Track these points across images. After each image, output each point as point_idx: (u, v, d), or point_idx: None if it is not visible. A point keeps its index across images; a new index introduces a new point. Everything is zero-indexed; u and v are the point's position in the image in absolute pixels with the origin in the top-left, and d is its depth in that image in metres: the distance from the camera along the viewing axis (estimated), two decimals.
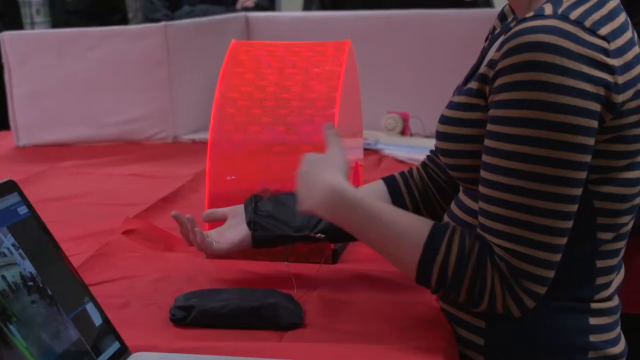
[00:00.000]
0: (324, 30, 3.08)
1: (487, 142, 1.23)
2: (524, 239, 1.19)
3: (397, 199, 1.57)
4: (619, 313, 1.35)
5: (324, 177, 1.32)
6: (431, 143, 2.74)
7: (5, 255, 1.10)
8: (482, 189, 1.24)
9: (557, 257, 1.21)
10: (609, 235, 1.29)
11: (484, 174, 1.24)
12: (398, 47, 3.04)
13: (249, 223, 1.52)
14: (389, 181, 1.61)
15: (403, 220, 1.30)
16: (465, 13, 3.01)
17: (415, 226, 1.28)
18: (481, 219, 1.24)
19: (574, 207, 1.21)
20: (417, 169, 1.62)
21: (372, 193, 1.51)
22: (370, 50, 2.85)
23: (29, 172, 2.47)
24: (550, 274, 1.21)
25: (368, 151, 2.61)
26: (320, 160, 1.36)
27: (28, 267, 1.12)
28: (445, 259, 1.23)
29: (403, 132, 2.93)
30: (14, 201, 1.18)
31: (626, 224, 1.31)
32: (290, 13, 3.56)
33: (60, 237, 1.29)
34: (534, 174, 1.18)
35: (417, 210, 1.56)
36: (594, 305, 1.31)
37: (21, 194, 1.21)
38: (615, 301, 1.35)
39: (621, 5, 1.26)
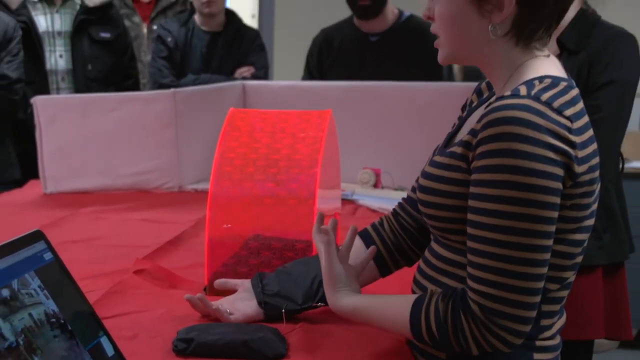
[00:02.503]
0: (310, 97, 3.10)
1: (471, 202, 1.24)
2: (499, 284, 1.20)
3: None
4: (559, 350, 1.36)
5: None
6: (399, 194, 2.79)
7: (32, 295, 1.10)
8: (468, 242, 1.25)
9: (534, 299, 1.21)
10: (555, 286, 1.30)
11: (469, 229, 1.25)
12: (372, 113, 3.06)
13: (259, 303, 1.52)
14: (365, 237, 1.60)
15: (390, 308, 1.34)
16: (428, 86, 3.04)
17: (400, 309, 1.32)
18: (468, 268, 1.25)
19: (547, 256, 1.21)
20: (387, 218, 1.61)
21: (353, 251, 1.52)
22: (349, 115, 2.87)
23: (55, 216, 2.47)
24: (530, 313, 1.21)
25: (345, 201, 2.61)
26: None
27: (51, 305, 1.12)
28: (428, 330, 1.26)
29: (375, 185, 2.93)
30: (41, 248, 1.18)
31: (569, 278, 1.32)
32: (281, 82, 3.58)
33: (80, 275, 1.30)
34: (509, 228, 1.19)
35: (392, 258, 1.56)
36: (538, 343, 1.31)
37: (47, 241, 1.20)
38: (557, 340, 1.35)
39: (580, 95, 1.29)
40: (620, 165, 2.26)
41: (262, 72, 3.75)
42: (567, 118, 1.22)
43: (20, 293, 1.09)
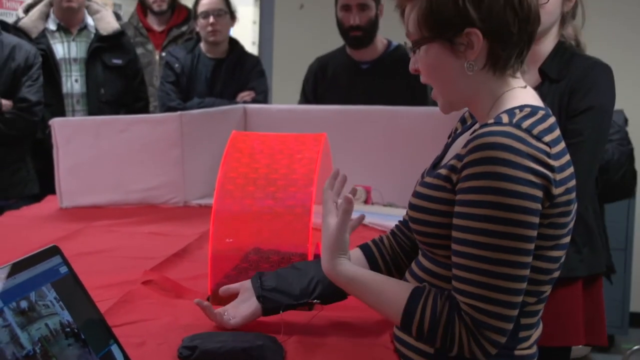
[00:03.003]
0: (306, 119, 3.11)
1: (456, 221, 1.24)
2: (485, 297, 1.21)
3: (373, 264, 1.58)
4: (536, 358, 1.37)
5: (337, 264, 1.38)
6: (388, 210, 2.79)
7: (48, 306, 1.10)
8: (454, 258, 1.25)
9: (514, 312, 1.22)
10: (532, 299, 1.30)
11: (454, 246, 1.25)
12: (363, 135, 3.06)
13: (258, 297, 1.51)
14: (365, 249, 1.60)
15: (389, 287, 1.33)
16: (414, 110, 3.05)
17: (397, 292, 1.31)
18: (453, 282, 1.25)
19: (526, 272, 1.22)
20: (387, 237, 1.62)
21: (353, 260, 1.51)
22: (342, 136, 2.87)
23: (70, 229, 2.46)
24: (508, 326, 1.22)
25: None
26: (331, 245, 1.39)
27: (66, 316, 1.12)
28: (421, 321, 1.26)
29: (366, 201, 2.93)
30: (57, 262, 1.18)
31: (546, 292, 1.32)
32: (279, 105, 3.58)
33: (93, 285, 1.29)
34: (492, 245, 1.20)
35: (389, 272, 1.57)
36: (516, 352, 1.32)
37: (62, 256, 1.20)
38: (534, 349, 1.36)
39: (556, 123, 1.29)
40: (598, 184, 2.27)
41: (262, 96, 3.75)
42: (546, 144, 1.22)
43: (38, 304, 1.08)
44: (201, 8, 3.71)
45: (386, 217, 2.61)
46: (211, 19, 3.67)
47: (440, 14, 1.27)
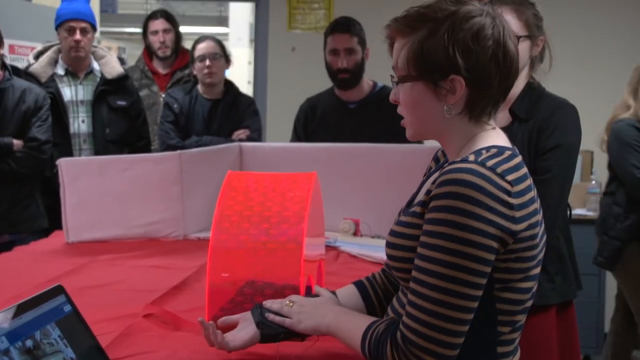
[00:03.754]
0: (297, 156, 3.10)
1: (418, 249, 1.25)
2: (423, 322, 1.21)
3: (366, 300, 1.58)
4: None
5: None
6: (376, 242, 2.78)
7: (53, 345, 1.09)
8: (410, 283, 1.25)
9: (454, 340, 1.21)
10: (507, 329, 1.30)
11: (413, 272, 1.25)
12: (351, 171, 3.06)
13: (257, 324, 1.50)
14: (359, 286, 1.60)
15: (356, 319, 1.38)
16: (399, 147, 3.04)
17: (363, 322, 1.35)
18: (406, 307, 1.25)
19: (472, 304, 1.21)
20: (379, 273, 1.62)
21: (348, 296, 1.52)
22: (331, 172, 2.87)
23: (76, 263, 2.44)
24: (446, 352, 1.21)
25: (328, 247, 2.59)
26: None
27: (69, 353, 1.11)
28: (369, 345, 1.29)
29: (355, 233, 2.92)
30: (61, 301, 1.17)
31: (520, 321, 1.32)
32: (272, 143, 3.59)
33: (96, 319, 1.28)
34: (444, 275, 1.20)
35: (382, 307, 1.57)
36: None
37: (66, 294, 1.19)
38: None
39: (523, 162, 1.29)
40: (569, 214, 2.28)
41: (257, 134, 3.76)
42: (509, 182, 1.22)
43: (42, 343, 1.07)
44: (198, 52, 3.73)
45: (374, 249, 2.61)
46: (207, 62, 3.69)
47: (430, 58, 1.28)
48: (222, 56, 3.76)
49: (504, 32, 1.29)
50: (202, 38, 3.82)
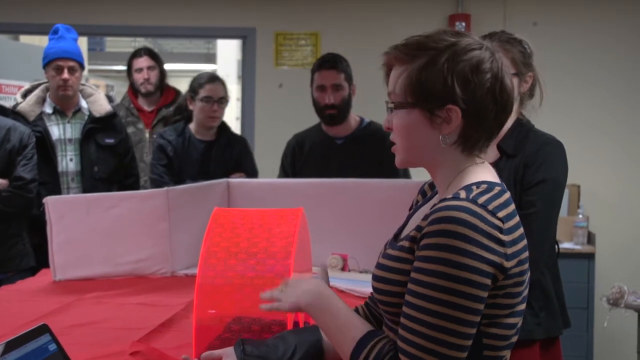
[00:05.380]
0: (285, 192, 3.12)
1: (409, 285, 1.25)
2: (418, 358, 1.21)
3: None
4: None
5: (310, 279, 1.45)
6: (364, 277, 2.78)
7: None
8: (401, 319, 1.26)
9: None
10: None
11: (404, 308, 1.26)
12: (339, 205, 3.07)
13: None
14: (357, 312, 1.59)
15: (350, 320, 1.35)
16: (386, 182, 3.06)
17: (357, 326, 1.33)
18: (398, 342, 1.26)
19: (464, 342, 1.22)
20: (362, 307, 1.61)
21: None
22: (319, 207, 2.87)
23: (62, 302, 2.42)
24: None
25: None
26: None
27: None
28: (367, 356, 1.27)
29: (343, 269, 2.92)
30: (46, 340, 1.17)
31: (505, 356, 1.32)
32: (260, 180, 3.58)
33: (82, 358, 1.28)
34: (437, 312, 1.20)
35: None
36: None
37: (51, 334, 1.19)
38: None
39: (511, 198, 1.31)
40: (557, 249, 2.28)
41: (253, 176, 3.71)
42: (500, 219, 1.24)
43: None
44: (204, 92, 3.58)
45: (362, 284, 2.61)
46: (215, 107, 3.59)
47: (428, 86, 1.29)
48: (227, 100, 3.67)
49: (501, 68, 1.31)
50: (211, 78, 3.64)
